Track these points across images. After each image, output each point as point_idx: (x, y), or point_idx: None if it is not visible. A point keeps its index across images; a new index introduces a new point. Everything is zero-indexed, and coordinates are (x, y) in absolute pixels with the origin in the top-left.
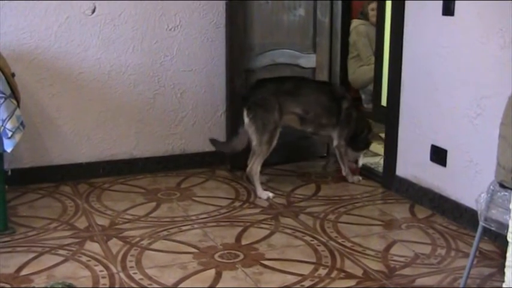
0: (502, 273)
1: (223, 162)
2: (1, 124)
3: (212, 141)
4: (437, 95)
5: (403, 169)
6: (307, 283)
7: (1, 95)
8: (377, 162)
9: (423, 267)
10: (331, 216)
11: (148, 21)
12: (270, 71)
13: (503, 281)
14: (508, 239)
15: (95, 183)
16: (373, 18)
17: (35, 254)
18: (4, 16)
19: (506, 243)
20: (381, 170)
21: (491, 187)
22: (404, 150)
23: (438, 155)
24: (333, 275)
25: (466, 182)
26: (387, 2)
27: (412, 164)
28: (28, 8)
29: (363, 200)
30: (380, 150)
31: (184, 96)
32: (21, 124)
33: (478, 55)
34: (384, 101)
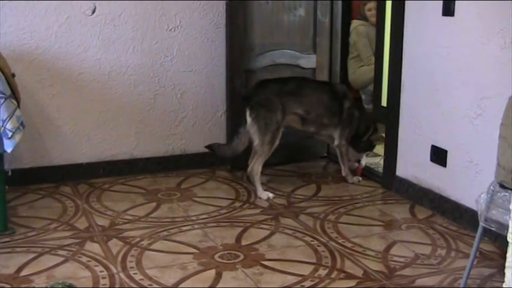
0: (502, 274)
1: (223, 162)
2: (1, 124)
3: (211, 147)
4: (438, 96)
5: (403, 169)
6: (308, 283)
7: (1, 95)
8: (377, 162)
9: (423, 268)
10: (332, 216)
11: (149, 22)
12: (270, 71)
13: (503, 281)
14: (508, 239)
15: (95, 184)
16: (371, 18)
17: (35, 255)
18: (4, 16)
19: (507, 244)
20: (381, 170)
21: (491, 187)
22: (405, 150)
23: (438, 156)
24: (333, 276)
25: (466, 183)
26: (387, 2)
27: (412, 165)
28: (28, 8)
29: (363, 201)
30: (380, 150)
31: (184, 96)
32: (22, 124)
33: (478, 55)
34: (384, 101)
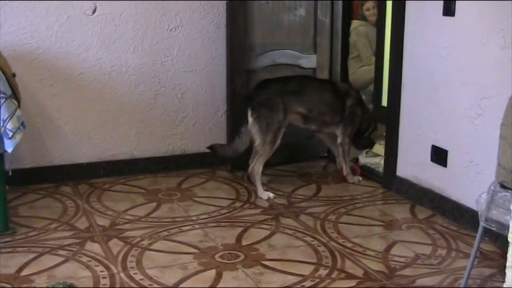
0: (503, 274)
1: (223, 162)
2: (2, 124)
3: (212, 148)
4: (438, 96)
5: (404, 169)
6: (308, 283)
7: (2, 95)
8: (377, 162)
9: (424, 268)
10: (332, 216)
11: (149, 22)
12: (271, 71)
13: (503, 281)
14: (508, 239)
15: (96, 184)
16: (370, 17)
17: (36, 254)
18: (5, 16)
19: (507, 244)
20: (381, 170)
21: (491, 187)
22: (405, 150)
23: (439, 156)
24: (333, 276)
25: (467, 183)
26: (388, 2)
27: (412, 165)
28: (29, 8)
29: (364, 201)
30: (380, 150)
31: (185, 96)
32: (22, 124)
33: (478, 55)
34: (385, 101)
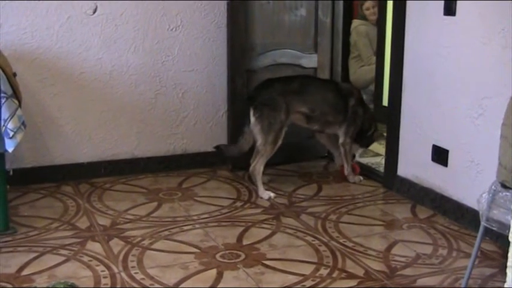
0: (504, 274)
1: (224, 162)
2: (2, 124)
3: (218, 148)
4: (439, 95)
5: (405, 169)
6: (309, 283)
7: (3, 95)
8: (378, 162)
9: (424, 268)
10: (333, 216)
11: (150, 21)
12: (272, 71)
13: (504, 281)
14: (509, 239)
15: (96, 183)
16: (370, 17)
17: (37, 254)
18: (6, 16)
19: (508, 244)
20: (382, 170)
21: (492, 187)
22: (406, 150)
23: (439, 155)
24: (334, 275)
25: (468, 182)
26: (388, 2)
27: (413, 164)
28: (29, 8)
29: (364, 200)
30: (381, 150)
31: (185, 96)
32: (23, 124)
33: (479, 55)
34: (385, 101)
